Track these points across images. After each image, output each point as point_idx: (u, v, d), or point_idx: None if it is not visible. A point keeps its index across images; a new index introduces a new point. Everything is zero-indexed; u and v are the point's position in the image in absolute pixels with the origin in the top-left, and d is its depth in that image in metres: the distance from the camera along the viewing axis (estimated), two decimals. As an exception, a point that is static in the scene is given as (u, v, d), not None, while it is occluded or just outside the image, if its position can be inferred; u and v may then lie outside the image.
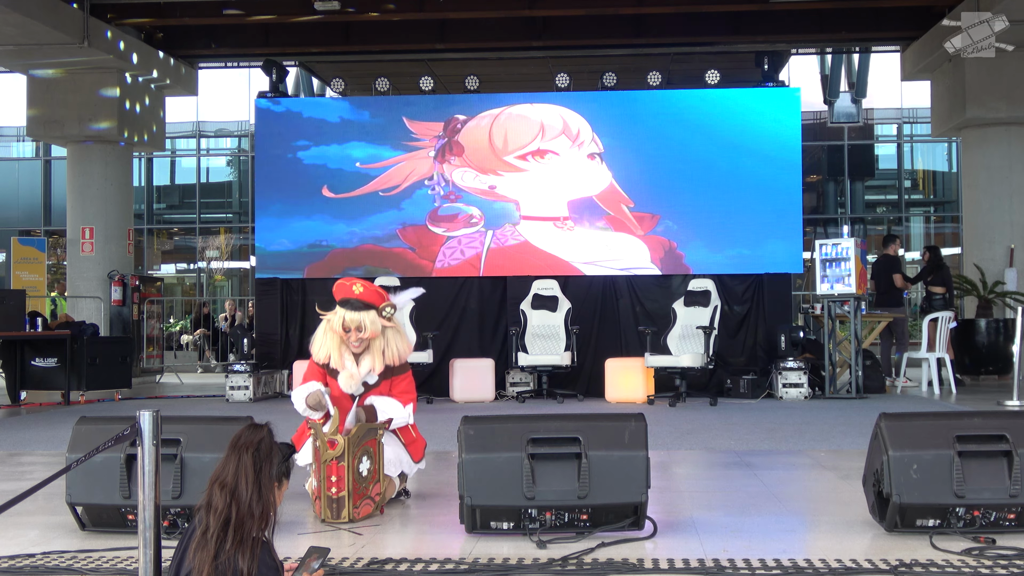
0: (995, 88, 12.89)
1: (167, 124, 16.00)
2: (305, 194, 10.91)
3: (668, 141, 10.64)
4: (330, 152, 10.86)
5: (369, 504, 4.19)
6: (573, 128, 10.72)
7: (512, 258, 10.65)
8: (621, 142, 10.72)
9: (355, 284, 4.42)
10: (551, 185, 10.68)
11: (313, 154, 10.88)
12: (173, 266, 24.70)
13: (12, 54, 13.30)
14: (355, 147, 10.89)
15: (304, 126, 11.00)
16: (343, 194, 10.84)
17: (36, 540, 3.86)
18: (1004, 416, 3.99)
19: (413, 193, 10.83)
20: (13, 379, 10.27)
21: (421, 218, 10.80)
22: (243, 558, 2.49)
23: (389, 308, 4.41)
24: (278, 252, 10.96)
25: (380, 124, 10.89)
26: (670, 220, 10.57)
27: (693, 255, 10.51)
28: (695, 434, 7.10)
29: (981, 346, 11.97)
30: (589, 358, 10.42)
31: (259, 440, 2.61)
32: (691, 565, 3.36)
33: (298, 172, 10.91)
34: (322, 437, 4.02)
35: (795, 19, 13.82)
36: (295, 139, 10.93)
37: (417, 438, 4.57)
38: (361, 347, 4.38)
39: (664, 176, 10.64)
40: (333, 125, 10.92)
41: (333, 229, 10.88)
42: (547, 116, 10.76)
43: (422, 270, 10.72)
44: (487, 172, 10.71)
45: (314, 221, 10.90)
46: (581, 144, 10.71)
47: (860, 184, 22.36)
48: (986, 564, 3.30)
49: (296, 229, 10.93)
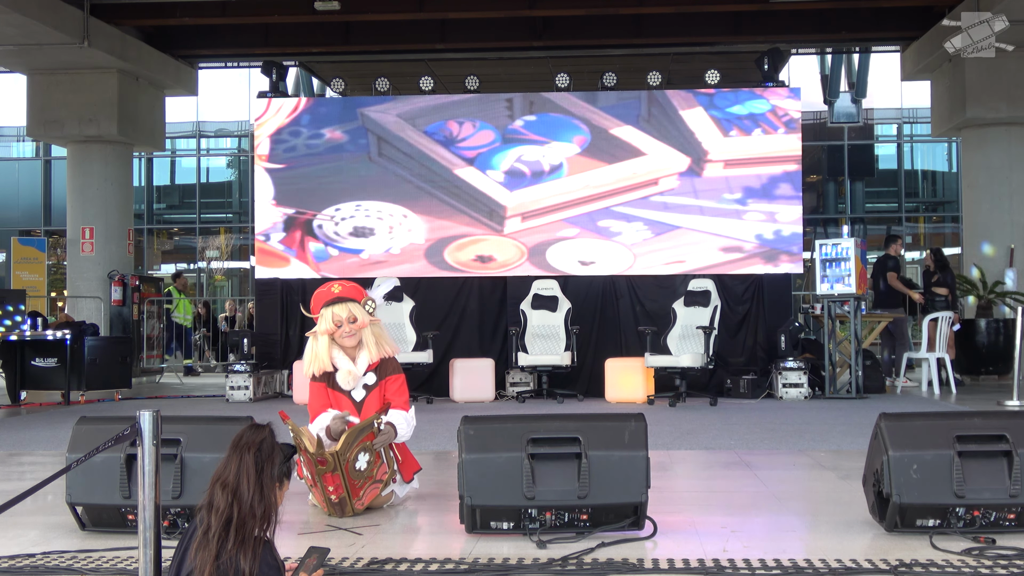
0: (995, 88, 12.90)
1: (167, 124, 16.00)
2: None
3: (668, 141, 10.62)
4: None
5: (376, 487, 4.18)
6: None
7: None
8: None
9: (333, 285, 4.48)
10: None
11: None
12: (173, 266, 24.71)
13: (12, 54, 13.30)
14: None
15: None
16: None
17: (36, 540, 3.86)
18: (1004, 416, 3.99)
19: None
20: (13, 379, 10.28)
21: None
22: (245, 558, 2.50)
23: (371, 302, 4.44)
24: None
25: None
26: (627, 224, 10.51)
27: (693, 255, 10.48)
28: (695, 434, 7.10)
29: (981, 346, 11.97)
30: (589, 358, 10.42)
31: (261, 440, 2.62)
32: (691, 565, 3.36)
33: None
34: (312, 455, 3.98)
35: (795, 19, 13.82)
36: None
37: (408, 459, 4.51)
38: (354, 339, 4.38)
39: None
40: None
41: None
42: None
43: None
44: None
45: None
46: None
47: (860, 184, 22.36)
48: (986, 564, 3.30)
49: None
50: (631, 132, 10.53)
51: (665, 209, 10.53)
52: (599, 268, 10.50)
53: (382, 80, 11.01)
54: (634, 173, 10.54)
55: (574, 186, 10.41)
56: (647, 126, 10.52)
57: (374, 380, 4.43)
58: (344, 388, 4.39)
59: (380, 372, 4.44)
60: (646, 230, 10.50)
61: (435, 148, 10.37)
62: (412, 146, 10.29)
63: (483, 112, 10.32)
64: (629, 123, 10.50)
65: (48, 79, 14.04)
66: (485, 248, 10.51)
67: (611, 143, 10.41)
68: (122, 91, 14.06)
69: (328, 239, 10.64)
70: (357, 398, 4.41)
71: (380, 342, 4.45)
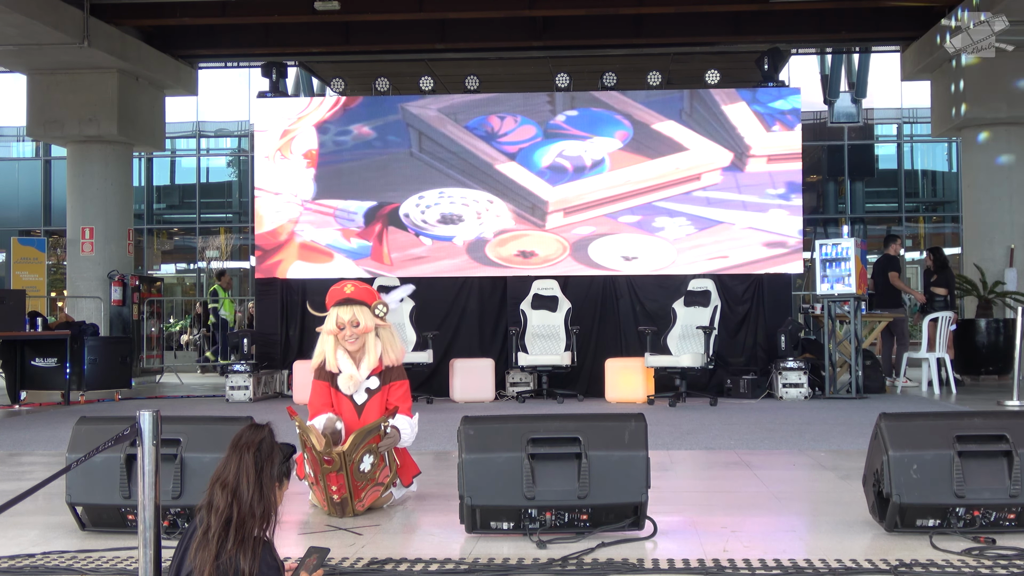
0: (995, 88, 12.90)
1: (167, 124, 16.00)
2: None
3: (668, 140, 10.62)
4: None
5: (377, 489, 4.19)
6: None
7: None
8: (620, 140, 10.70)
9: (346, 285, 4.46)
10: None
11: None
12: (173, 266, 24.71)
13: (12, 54, 13.31)
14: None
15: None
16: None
17: (36, 540, 3.86)
18: (1004, 416, 3.99)
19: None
20: (13, 379, 10.28)
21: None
22: (244, 558, 2.50)
23: (381, 306, 4.41)
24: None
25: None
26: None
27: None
28: (695, 434, 7.10)
29: (981, 346, 11.97)
30: (589, 358, 10.42)
31: (260, 440, 2.61)
32: (691, 565, 3.36)
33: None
34: (318, 454, 3.99)
35: (795, 19, 13.83)
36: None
37: (408, 463, 4.51)
38: (356, 344, 4.37)
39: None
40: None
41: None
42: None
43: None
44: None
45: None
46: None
47: (860, 184, 22.37)
48: (986, 564, 3.30)
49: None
50: (673, 127, 10.44)
51: (708, 204, 10.44)
52: (642, 263, 10.40)
53: (382, 80, 11.01)
54: (676, 168, 10.44)
55: (616, 181, 10.31)
56: (689, 121, 10.46)
57: (377, 384, 4.41)
58: (344, 392, 4.38)
59: (384, 377, 4.43)
60: (689, 225, 10.44)
61: (476, 143, 10.29)
62: (453, 141, 10.24)
63: (524, 107, 10.28)
64: (671, 118, 10.42)
65: (48, 79, 14.04)
66: (527, 243, 10.43)
67: (653, 138, 10.32)
68: (122, 91, 14.06)
69: (416, 226, 10.37)
70: (359, 401, 4.40)
71: (387, 347, 4.43)
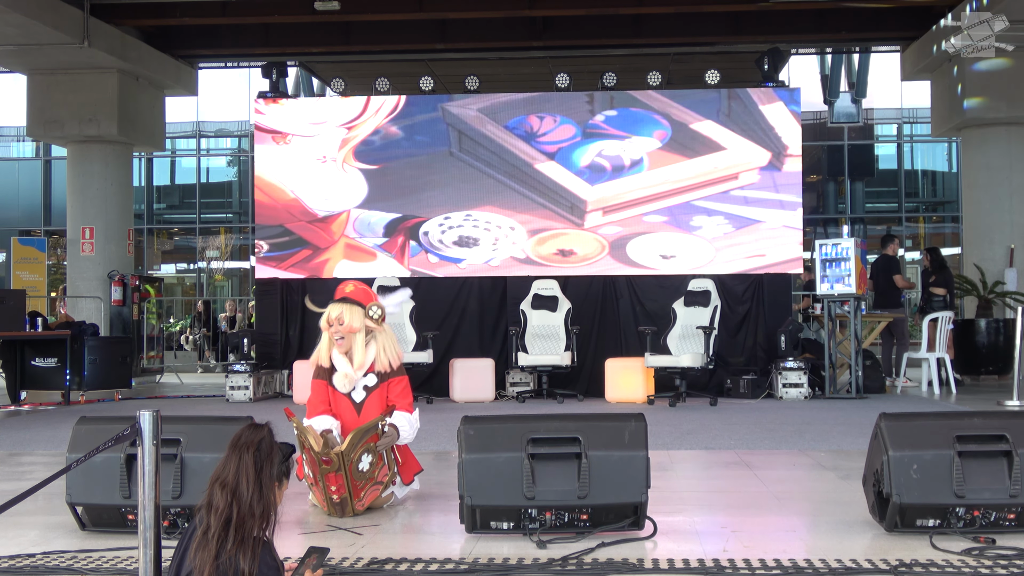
0: (995, 88, 12.90)
1: (167, 124, 16.00)
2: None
3: (667, 139, 10.62)
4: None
5: (376, 488, 4.19)
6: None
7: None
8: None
9: (348, 284, 4.51)
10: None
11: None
12: (173, 266, 24.71)
13: (12, 54, 13.31)
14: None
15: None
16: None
17: (36, 540, 3.86)
18: (1004, 416, 3.99)
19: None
20: (13, 379, 10.28)
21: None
22: (244, 558, 2.50)
23: (375, 309, 4.42)
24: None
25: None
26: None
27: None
28: (695, 434, 7.10)
29: (981, 346, 11.97)
30: (589, 358, 10.42)
31: (260, 440, 2.62)
32: (691, 565, 3.36)
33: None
34: (316, 455, 3.99)
35: (795, 19, 13.82)
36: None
37: (409, 460, 4.51)
38: (343, 344, 4.37)
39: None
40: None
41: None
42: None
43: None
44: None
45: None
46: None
47: (860, 184, 22.37)
48: (986, 564, 3.30)
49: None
50: (711, 127, 10.46)
51: (745, 203, 10.44)
52: (680, 262, 10.40)
53: (382, 80, 11.01)
54: (714, 167, 10.44)
55: (655, 180, 10.34)
56: (727, 120, 10.48)
57: (375, 382, 4.42)
58: (340, 390, 4.39)
59: (382, 375, 4.43)
60: (727, 224, 10.44)
61: (516, 143, 10.34)
62: (493, 140, 10.31)
63: (564, 107, 10.33)
64: (710, 118, 10.45)
65: (48, 79, 14.04)
66: (566, 242, 10.46)
67: (691, 138, 10.35)
68: (122, 91, 14.06)
69: (431, 245, 10.49)
70: (357, 399, 4.41)
71: (380, 353, 4.42)
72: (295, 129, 10.52)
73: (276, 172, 10.62)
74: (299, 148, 10.55)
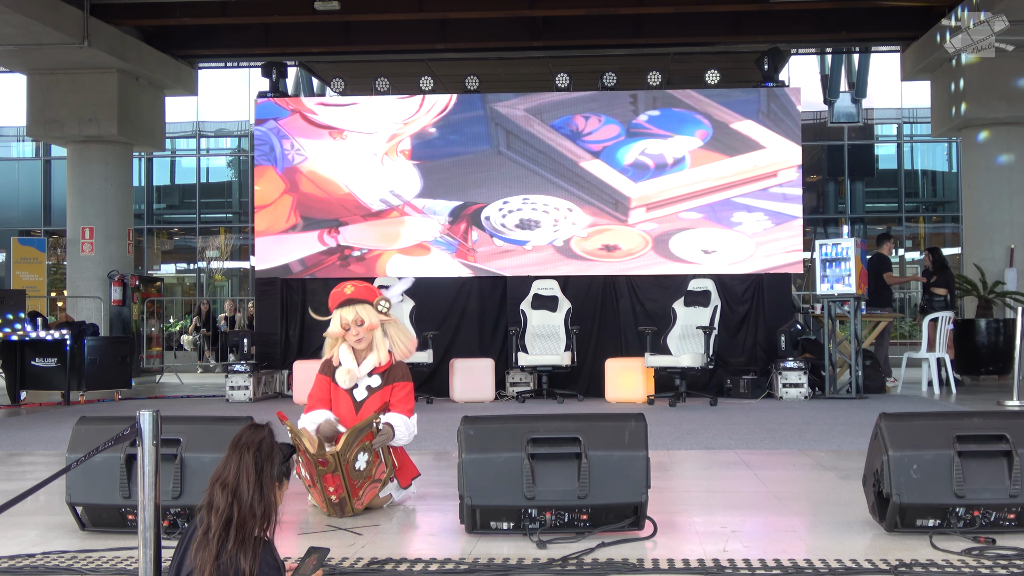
0: (995, 88, 12.90)
1: (167, 124, 16.01)
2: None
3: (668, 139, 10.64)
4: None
5: (375, 486, 4.19)
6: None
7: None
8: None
9: (346, 287, 4.48)
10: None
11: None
12: (173, 266, 24.72)
13: (12, 54, 13.31)
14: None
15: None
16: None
17: (36, 540, 3.86)
18: (1004, 416, 3.99)
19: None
20: (13, 379, 10.28)
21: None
22: (245, 558, 2.50)
23: (384, 302, 4.43)
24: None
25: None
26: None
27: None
28: (695, 434, 7.10)
29: (981, 346, 11.96)
30: (589, 358, 10.42)
31: (260, 440, 2.62)
32: (691, 565, 3.36)
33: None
34: (312, 456, 3.99)
35: (795, 19, 13.83)
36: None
37: (407, 465, 4.50)
38: (364, 342, 4.38)
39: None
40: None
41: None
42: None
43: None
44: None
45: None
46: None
47: (860, 184, 22.37)
48: (986, 564, 3.30)
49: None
50: (751, 126, 10.59)
51: (784, 200, 10.54)
52: (720, 256, 10.51)
53: (382, 80, 11.02)
54: (754, 166, 10.54)
55: (696, 178, 10.49)
56: (766, 120, 10.61)
57: (379, 383, 4.41)
58: (342, 386, 4.39)
59: (387, 377, 4.42)
60: (766, 220, 10.54)
61: (562, 141, 10.50)
62: (539, 140, 10.50)
63: (608, 107, 10.52)
64: (749, 117, 10.59)
65: (48, 79, 14.04)
66: (611, 238, 10.60)
67: (732, 137, 10.49)
68: (122, 91, 14.06)
69: (494, 229, 10.59)
70: (358, 397, 4.41)
71: (396, 342, 4.46)
72: (352, 126, 10.63)
73: (331, 167, 10.69)
74: (355, 144, 10.64)
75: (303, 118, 10.80)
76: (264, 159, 10.86)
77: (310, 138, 10.76)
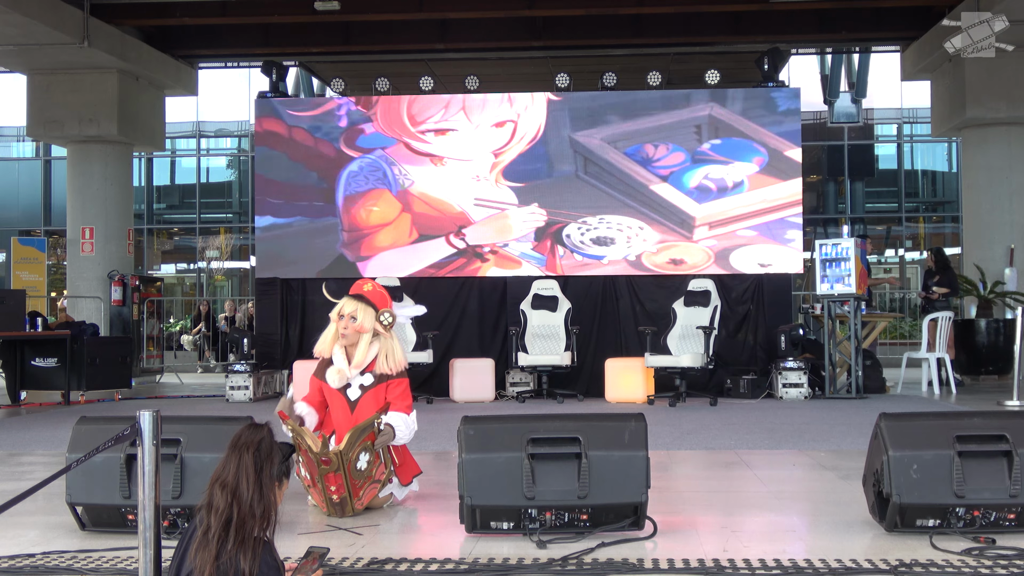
0: (995, 88, 12.90)
1: (167, 124, 16.00)
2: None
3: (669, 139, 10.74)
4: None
5: (375, 486, 4.19)
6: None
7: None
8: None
9: (367, 283, 4.57)
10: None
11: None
12: (173, 266, 24.72)
13: (12, 54, 13.31)
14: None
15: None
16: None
17: (36, 540, 3.86)
18: (1004, 416, 3.99)
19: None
20: (13, 379, 10.28)
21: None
22: (245, 558, 2.50)
23: (387, 315, 4.43)
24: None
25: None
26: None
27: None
28: (695, 434, 7.10)
29: (981, 346, 11.97)
30: (589, 358, 10.42)
31: (260, 440, 2.62)
32: (691, 565, 3.36)
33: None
34: (315, 455, 3.99)
35: (795, 19, 13.83)
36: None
37: (408, 462, 4.51)
38: (349, 338, 4.40)
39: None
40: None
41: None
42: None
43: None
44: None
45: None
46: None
47: (860, 184, 22.37)
48: (986, 564, 3.30)
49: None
50: (800, 153, 11.12)
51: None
52: (775, 269, 10.86)
53: (382, 80, 11.02)
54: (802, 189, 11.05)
55: (753, 200, 10.92)
56: (771, 123, 11.05)
57: (371, 382, 4.42)
58: (333, 385, 4.41)
59: (380, 375, 4.44)
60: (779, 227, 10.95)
61: (634, 167, 11.11)
62: (614, 166, 11.14)
63: (675, 136, 11.12)
64: (798, 144, 11.10)
65: (48, 79, 14.04)
66: (677, 253, 11.01)
67: (784, 163, 10.93)
68: (122, 91, 14.06)
69: (574, 245, 11.13)
70: (352, 397, 4.42)
71: (382, 357, 4.44)
72: (450, 153, 11.24)
73: (437, 189, 11.21)
74: (454, 169, 11.19)
75: (407, 147, 11.27)
76: (380, 183, 11.28)
77: (414, 164, 11.24)
